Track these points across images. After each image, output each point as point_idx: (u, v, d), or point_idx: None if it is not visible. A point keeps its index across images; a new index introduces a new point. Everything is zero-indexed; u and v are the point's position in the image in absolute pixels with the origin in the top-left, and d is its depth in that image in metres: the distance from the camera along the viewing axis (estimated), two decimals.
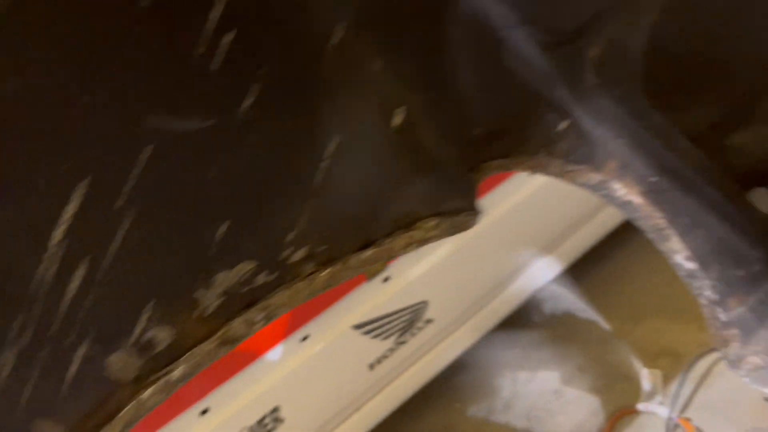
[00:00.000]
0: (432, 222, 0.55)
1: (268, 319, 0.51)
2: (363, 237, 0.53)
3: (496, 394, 2.10)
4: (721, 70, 0.89)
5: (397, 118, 0.50)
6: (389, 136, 0.50)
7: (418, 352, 1.90)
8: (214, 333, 0.50)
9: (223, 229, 0.48)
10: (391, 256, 0.54)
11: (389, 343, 1.79)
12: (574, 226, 2.14)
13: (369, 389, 1.83)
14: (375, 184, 0.52)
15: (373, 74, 0.49)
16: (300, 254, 0.50)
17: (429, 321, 1.87)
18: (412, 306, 1.79)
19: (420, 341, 1.88)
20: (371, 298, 1.70)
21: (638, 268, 2.28)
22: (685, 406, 1.84)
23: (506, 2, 0.59)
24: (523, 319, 2.24)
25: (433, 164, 0.55)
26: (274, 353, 1.61)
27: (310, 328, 1.64)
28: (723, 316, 0.97)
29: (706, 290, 0.95)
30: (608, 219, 2.21)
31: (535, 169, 0.72)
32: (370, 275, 1.67)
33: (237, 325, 0.51)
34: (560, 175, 0.74)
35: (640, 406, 1.89)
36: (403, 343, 1.82)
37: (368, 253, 0.53)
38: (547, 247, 2.12)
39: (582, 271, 2.31)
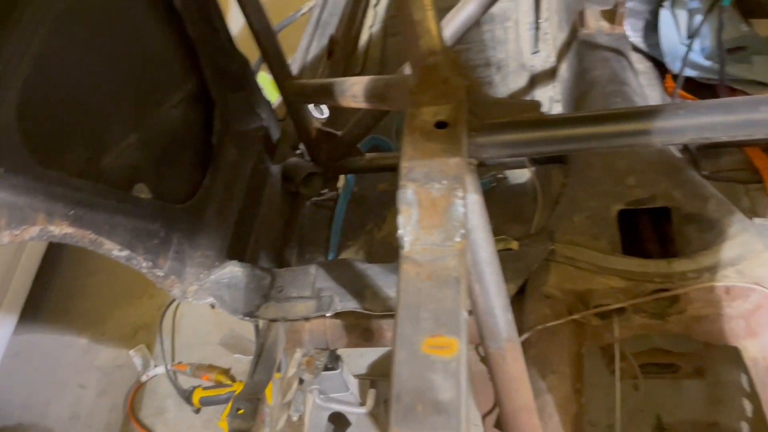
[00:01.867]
0: None
1: None
2: None
3: None
4: (75, 124, 1.24)
5: None
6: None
7: None
8: None
9: None
10: None
11: None
12: (8, 273, 2.23)
13: None
14: None
15: None
16: None
17: None
18: None
19: None
20: None
21: (81, 277, 2.54)
22: (173, 355, 2.30)
23: None
24: None
25: None
26: None
27: None
28: (160, 273, 1.42)
29: (142, 263, 1.37)
30: (32, 253, 2.37)
31: None
32: None
33: None
34: (15, 241, 0.98)
35: (143, 378, 2.25)
36: None
37: None
38: None
39: (36, 307, 2.43)
